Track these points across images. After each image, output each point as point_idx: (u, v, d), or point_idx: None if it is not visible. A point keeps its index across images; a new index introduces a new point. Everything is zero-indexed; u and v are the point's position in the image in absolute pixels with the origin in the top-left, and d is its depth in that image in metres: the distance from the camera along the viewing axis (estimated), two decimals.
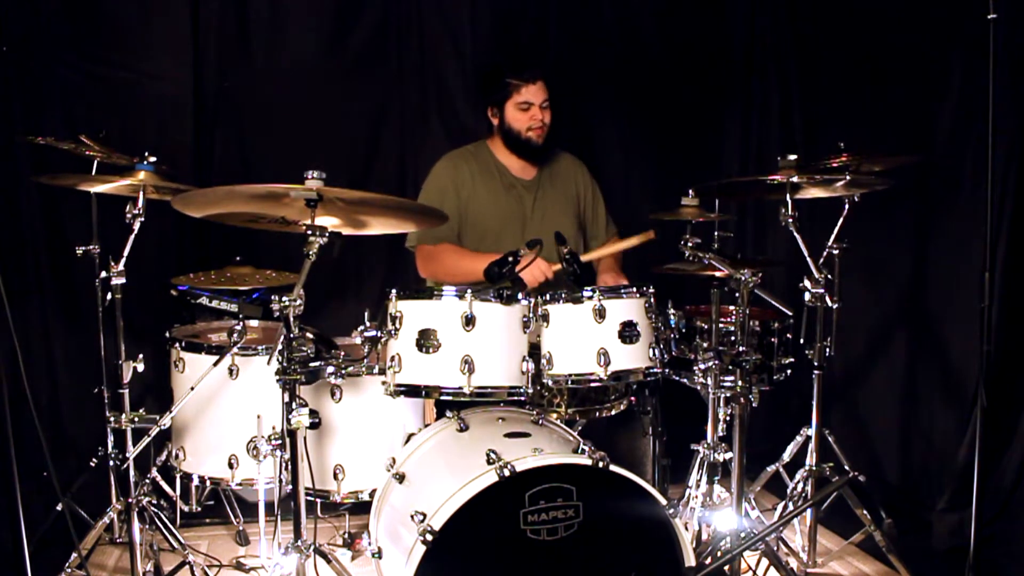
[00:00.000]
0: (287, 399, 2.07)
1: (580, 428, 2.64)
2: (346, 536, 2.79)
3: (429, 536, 1.97)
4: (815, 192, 2.78)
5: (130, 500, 2.57)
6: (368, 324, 2.26)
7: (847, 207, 2.88)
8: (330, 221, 2.26)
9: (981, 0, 2.25)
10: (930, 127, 3.23)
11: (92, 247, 2.73)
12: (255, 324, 3.06)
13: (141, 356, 2.60)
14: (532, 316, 2.30)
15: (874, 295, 3.52)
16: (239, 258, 3.22)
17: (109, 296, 2.54)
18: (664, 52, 4.04)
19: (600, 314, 2.27)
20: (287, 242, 2.36)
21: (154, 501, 2.66)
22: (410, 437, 2.52)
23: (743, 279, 2.37)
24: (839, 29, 3.69)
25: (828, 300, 2.66)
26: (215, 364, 2.58)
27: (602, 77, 3.99)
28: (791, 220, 2.51)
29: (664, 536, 2.15)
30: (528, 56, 3.72)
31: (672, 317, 2.44)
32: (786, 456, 3.12)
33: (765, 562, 2.46)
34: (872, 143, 3.23)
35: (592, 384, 2.31)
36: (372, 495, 2.52)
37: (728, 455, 2.58)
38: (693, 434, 2.79)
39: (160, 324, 2.99)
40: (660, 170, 4.04)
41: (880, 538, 2.79)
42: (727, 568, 2.34)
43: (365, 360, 2.30)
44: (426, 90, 3.84)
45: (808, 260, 2.55)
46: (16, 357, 1.99)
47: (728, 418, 2.61)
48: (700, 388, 2.72)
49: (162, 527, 2.64)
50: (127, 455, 2.58)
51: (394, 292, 2.28)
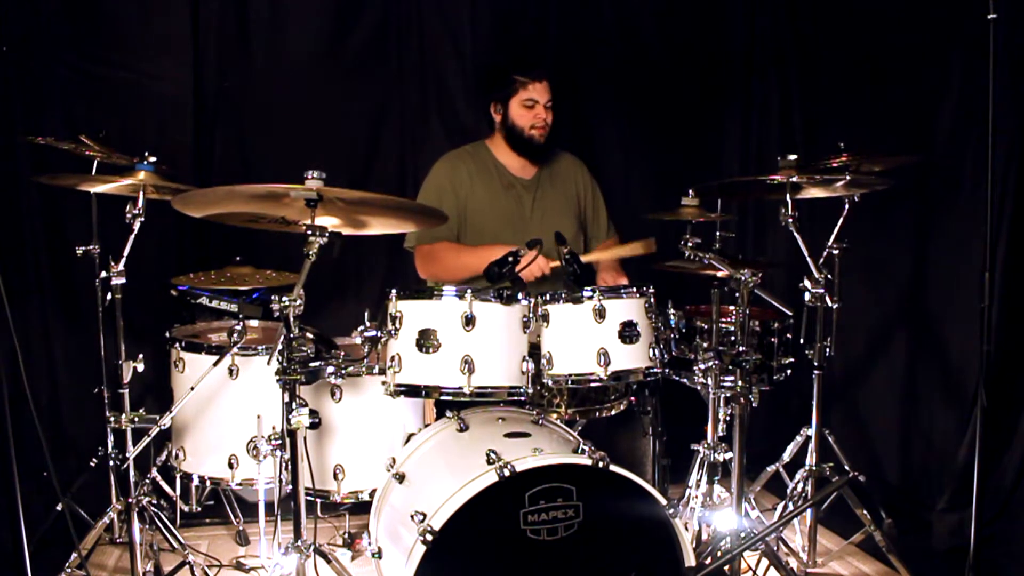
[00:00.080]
0: (287, 399, 2.07)
1: (580, 428, 2.64)
2: (346, 536, 2.79)
3: (429, 536, 1.97)
4: (815, 192, 2.78)
5: (130, 500, 2.57)
6: (368, 324, 2.26)
7: (847, 207, 2.89)
8: (330, 221, 2.26)
9: (981, 0, 2.25)
10: (930, 127, 3.23)
11: (92, 247, 2.74)
12: (255, 324, 3.05)
13: (141, 356, 2.60)
14: (532, 316, 2.30)
15: (874, 295, 3.52)
16: (239, 258, 3.21)
17: (109, 296, 2.54)
18: (664, 52, 4.04)
19: (600, 314, 2.27)
20: (287, 242, 2.36)
21: (154, 501, 2.66)
22: (410, 437, 2.52)
23: (743, 279, 2.36)
24: (839, 29, 3.69)
25: (828, 300, 2.67)
26: (215, 364, 2.58)
27: (602, 77, 3.99)
28: (791, 220, 2.51)
29: (664, 536, 2.15)
30: (531, 55, 3.72)
31: (672, 317, 2.44)
32: (786, 456, 3.12)
33: (765, 562, 2.47)
34: (872, 143, 3.23)
35: (592, 384, 2.31)
36: (372, 495, 2.52)
37: (728, 455, 2.58)
38: (693, 434, 2.79)
39: (160, 324, 2.99)
40: (660, 170, 4.04)
41: (880, 538, 2.79)
42: (727, 568, 2.34)
43: (365, 360, 2.30)
44: (426, 90, 3.84)
45: (808, 260, 2.55)
46: (16, 357, 1.99)
47: (728, 418, 2.61)
48: (700, 388, 2.73)
49: (162, 527, 2.64)
50: (127, 455, 2.58)
51: (394, 292, 2.28)
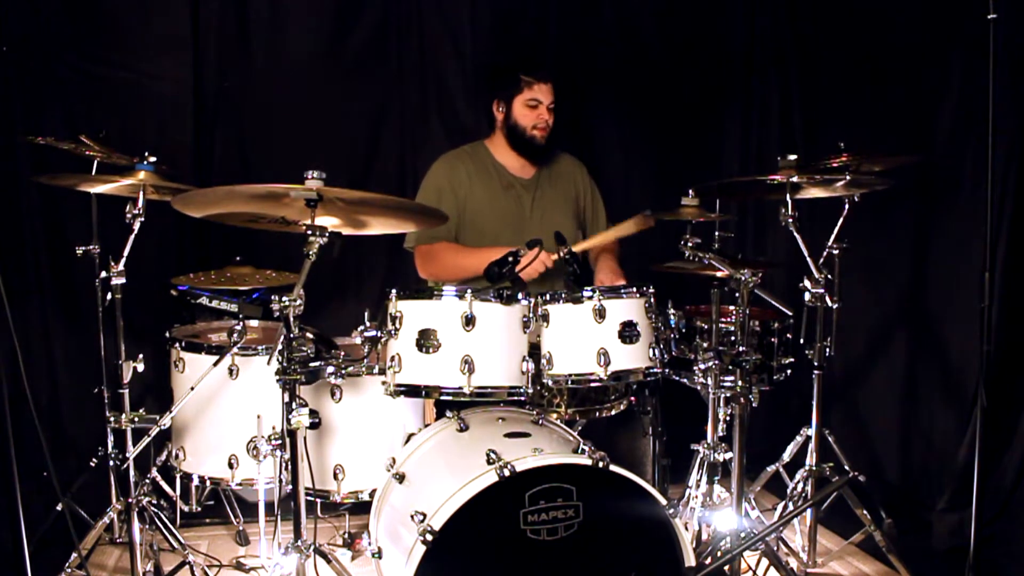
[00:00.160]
0: (287, 399, 2.07)
1: (580, 428, 2.64)
2: (346, 536, 2.79)
3: (429, 536, 1.97)
4: (815, 192, 2.78)
5: (130, 500, 2.57)
6: (368, 324, 2.26)
7: (847, 207, 2.89)
8: (330, 221, 2.26)
9: (981, 0, 2.25)
10: (930, 127, 3.23)
11: (92, 247, 2.74)
12: (255, 324, 3.05)
13: (141, 356, 2.60)
14: (532, 316, 2.29)
15: (874, 295, 3.52)
16: (239, 258, 3.22)
17: (109, 296, 2.54)
18: (664, 52, 4.04)
19: (600, 314, 2.27)
20: (287, 242, 2.36)
21: (154, 501, 2.66)
22: (410, 437, 2.52)
23: (743, 279, 2.37)
24: (839, 29, 3.69)
25: (828, 300, 2.67)
26: (215, 364, 2.58)
27: (602, 77, 3.99)
28: (791, 220, 2.51)
29: (664, 536, 2.15)
30: (536, 56, 3.72)
31: (672, 317, 2.44)
32: (786, 456, 3.12)
33: (765, 562, 2.47)
34: (872, 143, 3.23)
35: (592, 384, 2.31)
36: (372, 495, 2.52)
37: (728, 455, 2.58)
38: (693, 434, 2.79)
39: (160, 324, 2.99)
40: (660, 170, 4.04)
41: (880, 538, 2.79)
42: (727, 568, 2.34)
43: (365, 360, 2.30)
44: (426, 90, 3.84)
45: (808, 260, 2.55)
46: (16, 357, 1.99)
47: (728, 418, 2.61)
48: (700, 388, 2.73)
49: (162, 527, 2.64)
50: (127, 455, 2.58)
51: (394, 292, 2.28)
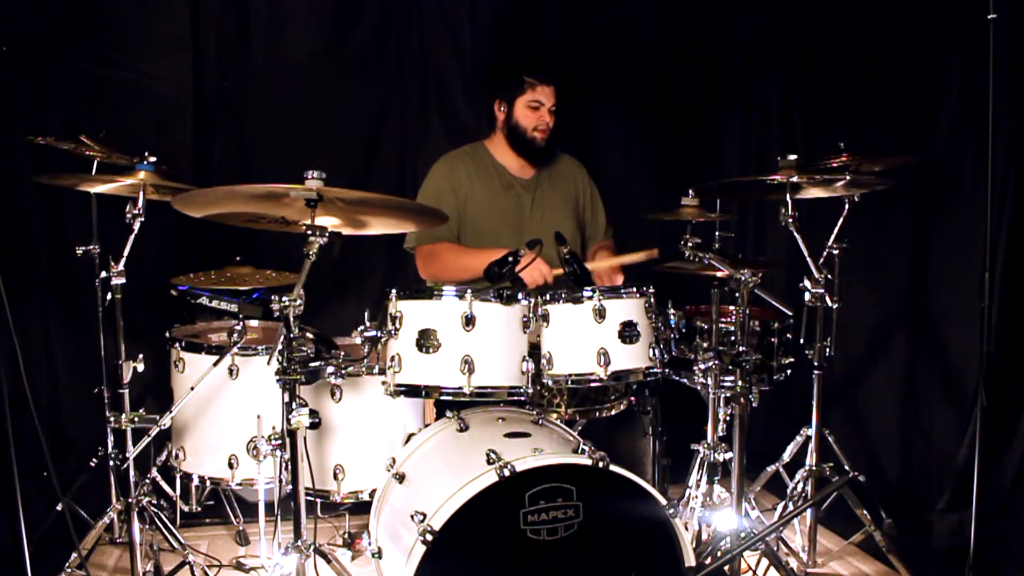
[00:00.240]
0: (287, 399, 2.07)
1: (580, 428, 2.64)
2: (346, 536, 2.79)
3: (429, 536, 1.97)
4: (815, 192, 2.78)
5: (130, 500, 2.57)
6: (368, 324, 2.26)
7: (847, 207, 2.89)
8: (330, 221, 2.26)
9: (981, 0, 2.25)
10: (930, 127, 3.23)
11: (92, 247, 2.74)
12: (255, 324, 3.06)
13: (141, 356, 2.60)
14: (532, 316, 2.29)
15: (874, 295, 3.52)
16: (239, 258, 3.22)
17: (109, 296, 2.54)
18: (664, 52, 4.04)
19: (600, 314, 2.27)
20: (287, 242, 2.36)
21: (154, 501, 2.66)
22: (410, 437, 2.52)
23: (743, 279, 2.36)
24: (839, 29, 3.69)
25: (828, 300, 2.66)
26: (215, 364, 2.59)
27: (602, 77, 3.99)
28: (791, 220, 2.51)
29: (664, 536, 2.15)
30: (540, 58, 3.72)
31: (672, 317, 2.44)
32: (786, 456, 3.12)
33: (765, 562, 2.46)
34: (872, 143, 3.23)
35: (592, 384, 2.31)
36: (372, 495, 2.52)
37: (728, 455, 2.58)
38: (693, 434, 2.80)
39: (160, 324, 2.99)
40: (660, 170, 4.04)
41: (880, 538, 2.79)
42: (727, 568, 2.33)
43: (365, 360, 2.30)
44: (426, 90, 3.84)
45: (808, 260, 2.55)
46: (16, 357, 1.99)
47: (728, 418, 2.61)
48: (700, 388, 2.73)
49: (162, 527, 2.64)
50: (127, 455, 2.58)
51: (394, 292, 2.28)
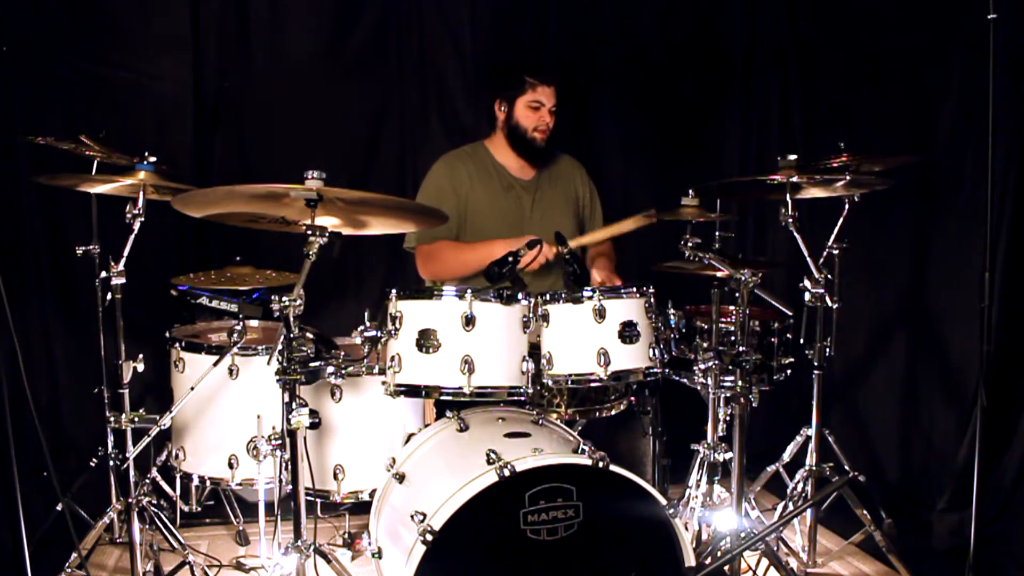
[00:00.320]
0: (287, 399, 2.07)
1: (580, 428, 2.64)
2: (346, 536, 2.79)
3: (429, 536, 1.97)
4: (815, 192, 2.78)
5: (130, 500, 2.57)
6: (368, 324, 2.26)
7: (847, 207, 2.89)
8: (330, 221, 2.26)
9: (981, 0, 2.25)
10: (930, 127, 3.23)
11: (92, 247, 2.74)
12: (255, 324, 3.05)
13: (141, 356, 2.60)
14: (532, 316, 2.29)
15: (874, 295, 3.52)
16: (239, 258, 3.22)
17: (109, 296, 2.54)
18: (664, 52, 4.04)
19: (600, 314, 2.27)
20: (287, 242, 2.36)
21: (154, 501, 2.66)
22: (410, 437, 2.52)
23: (743, 279, 2.37)
24: (839, 29, 3.68)
25: (828, 300, 2.66)
26: (215, 364, 2.58)
27: (602, 77, 3.99)
28: (791, 220, 2.51)
29: (664, 536, 2.15)
30: (541, 58, 3.72)
31: (672, 317, 2.44)
32: (786, 456, 3.12)
33: (765, 562, 2.46)
34: (872, 143, 3.23)
35: (592, 384, 2.31)
36: (372, 495, 2.52)
37: (728, 455, 2.58)
38: (693, 434, 2.80)
39: (160, 324, 2.98)
40: (660, 170, 4.04)
41: (880, 538, 2.79)
42: (727, 568, 2.34)
43: (365, 360, 2.30)
44: (426, 90, 3.84)
45: (808, 260, 2.55)
46: (16, 357, 1.99)
47: (728, 418, 2.61)
48: (700, 388, 2.73)
49: (162, 527, 2.64)
50: (127, 455, 2.58)
51: (394, 292, 2.28)
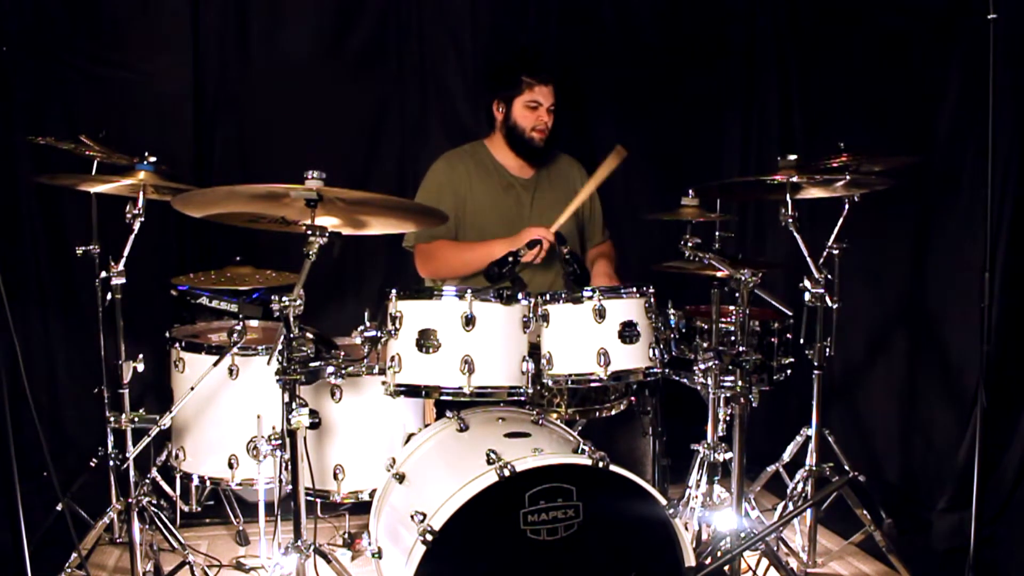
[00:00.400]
0: (287, 399, 2.08)
1: (580, 428, 2.64)
2: (346, 536, 2.79)
3: (429, 536, 1.97)
4: (815, 192, 2.78)
5: (130, 500, 2.57)
6: (368, 324, 2.26)
7: (847, 207, 2.89)
8: (330, 221, 2.26)
9: (981, 0, 2.25)
10: (930, 127, 3.23)
11: (92, 247, 2.73)
12: (255, 324, 3.06)
13: (141, 356, 2.60)
14: (532, 316, 2.29)
15: (874, 295, 3.52)
16: (239, 258, 3.22)
17: (109, 296, 2.54)
18: (664, 51, 4.04)
19: (600, 314, 2.27)
20: (287, 242, 2.36)
21: (154, 501, 2.66)
22: (410, 437, 2.52)
23: (743, 279, 2.36)
24: (839, 29, 3.68)
25: (828, 300, 2.66)
26: (215, 364, 2.58)
27: (602, 77, 3.99)
28: (791, 220, 2.51)
29: (664, 536, 2.15)
30: (539, 58, 3.72)
31: (672, 317, 2.44)
32: (786, 456, 3.12)
33: (765, 562, 2.46)
34: (872, 143, 3.23)
35: (592, 384, 2.31)
36: (372, 495, 2.52)
37: (728, 455, 2.58)
38: (693, 434, 2.79)
39: (160, 324, 2.99)
40: (660, 170, 4.04)
41: (880, 538, 2.79)
42: (727, 568, 2.33)
43: (365, 360, 2.30)
44: (426, 90, 3.84)
45: (808, 260, 2.55)
46: (16, 357, 1.99)
47: (728, 418, 2.61)
48: (700, 388, 2.72)
49: (162, 527, 2.64)
50: (127, 455, 2.58)
51: (394, 292, 2.28)
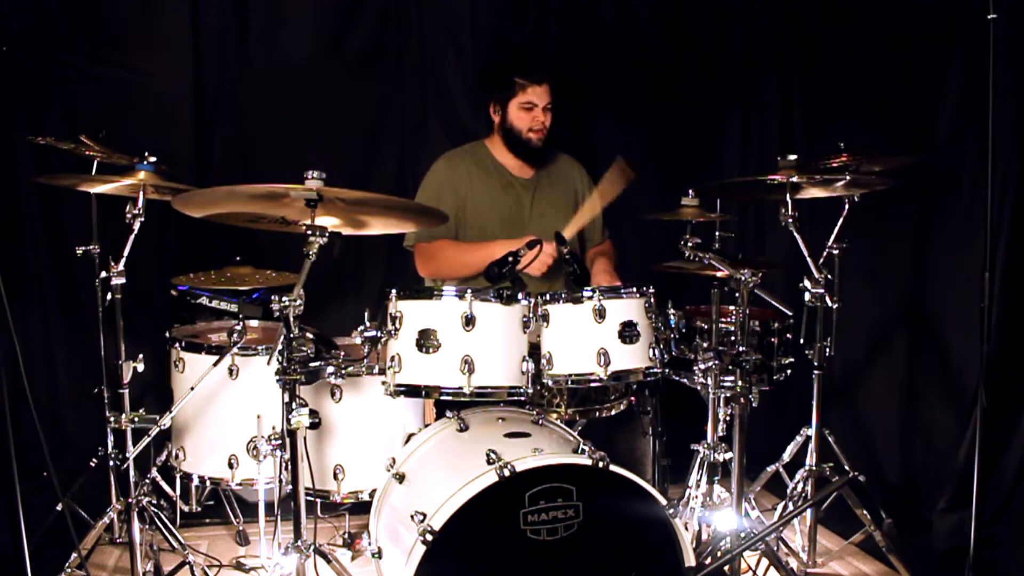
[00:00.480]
0: (287, 399, 2.08)
1: (580, 428, 2.64)
2: (346, 536, 2.79)
3: (429, 536, 1.97)
4: (815, 192, 2.78)
5: (130, 500, 2.57)
6: (368, 324, 2.26)
7: (847, 207, 2.88)
8: (330, 221, 2.26)
9: (981, 0, 2.25)
10: (930, 127, 3.23)
11: (92, 247, 2.73)
12: (255, 324, 3.06)
13: (141, 356, 2.60)
14: (532, 316, 2.29)
15: (874, 295, 3.52)
16: (239, 258, 3.22)
17: (109, 296, 2.54)
18: (664, 52, 4.04)
19: (600, 314, 2.27)
20: (287, 242, 2.36)
21: (154, 501, 2.66)
22: (410, 437, 2.52)
23: (743, 279, 2.36)
24: (839, 29, 3.69)
25: (828, 300, 2.67)
26: (215, 364, 2.58)
27: (602, 76, 3.99)
28: (791, 220, 2.51)
29: (664, 536, 2.15)
30: (533, 57, 3.72)
31: (672, 317, 2.44)
32: (786, 456, 3.12)
33: (765, 562, 2.47)
34: (872, 143, 3.23)
35: (592, 384, 2.31)
36: (372, 495, 2.52)
37: (728, 455, 2.58)
38: (693, 434, 2.79)
39: (160, 324, 2.98)
40: (660, 170, 4.04)
41: (880, 538, 2.79)
42: (727, 568, 2.34)
43: (365, 360, 2.30)
44: (426, 90, 3.84)
45: (808, 260, 2.55)
46: (16, 357, 1.99)
47: (728, 418, 2.61)
48: (700, 388, 2.72)
49: (162, 527, 2.64)
50: (127, 455, 2.58)
51: (394, 292, 2.28)
